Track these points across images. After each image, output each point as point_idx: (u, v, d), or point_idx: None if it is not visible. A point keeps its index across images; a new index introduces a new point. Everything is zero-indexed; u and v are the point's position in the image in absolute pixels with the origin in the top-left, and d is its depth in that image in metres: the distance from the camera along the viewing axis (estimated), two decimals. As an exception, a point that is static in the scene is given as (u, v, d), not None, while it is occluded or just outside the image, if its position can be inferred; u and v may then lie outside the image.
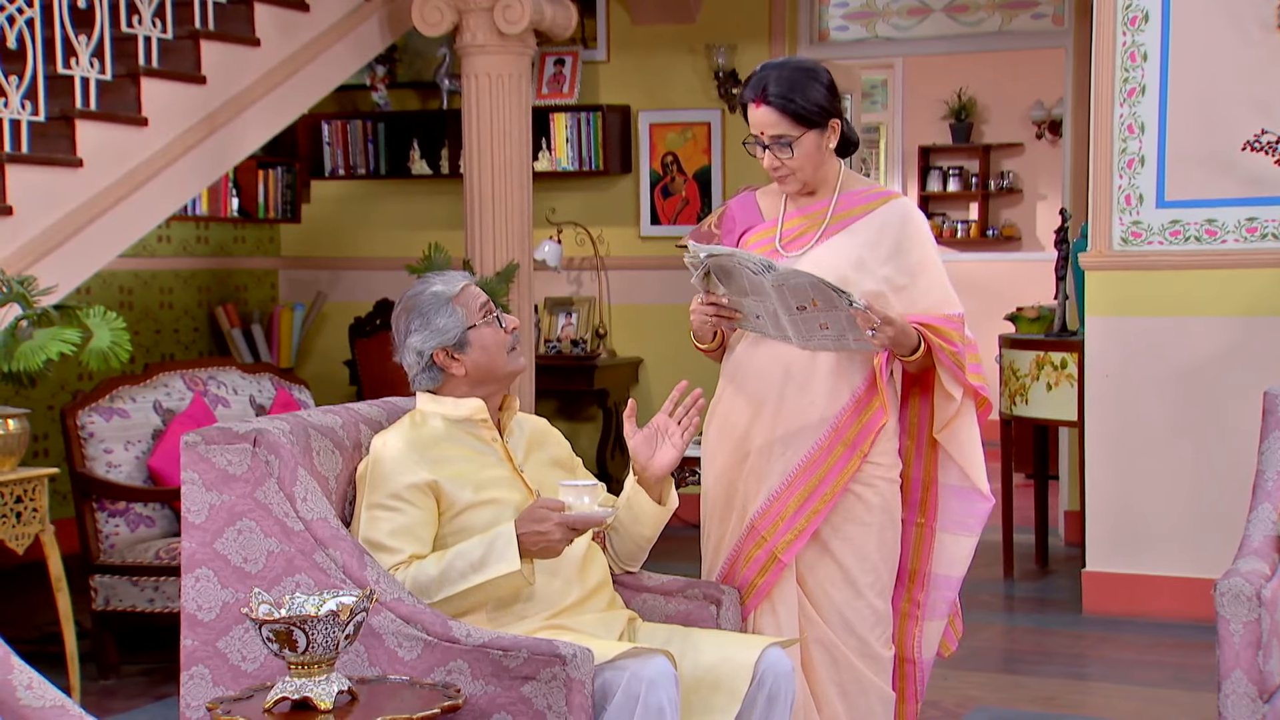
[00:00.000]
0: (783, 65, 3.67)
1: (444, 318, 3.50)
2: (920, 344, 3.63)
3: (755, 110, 3.64)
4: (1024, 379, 7.03)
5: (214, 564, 3.37)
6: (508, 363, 3.53)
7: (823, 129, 3.66)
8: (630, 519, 3.62)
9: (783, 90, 3.61)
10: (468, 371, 3.51)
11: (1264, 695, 3.87)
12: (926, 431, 3.80)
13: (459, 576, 3.32)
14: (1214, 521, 6.23)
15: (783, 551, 3.68)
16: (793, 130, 3.63)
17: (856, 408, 3.68)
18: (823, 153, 3.69)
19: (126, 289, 8.44)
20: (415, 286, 3.56)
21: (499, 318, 3.55)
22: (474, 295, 3.54)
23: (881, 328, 3.50)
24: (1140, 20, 6.41)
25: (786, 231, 3.76)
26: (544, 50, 8.75)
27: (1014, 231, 12.83)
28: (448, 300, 3.51)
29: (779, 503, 3.69)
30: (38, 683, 2.70)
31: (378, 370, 8.14)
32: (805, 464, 3.68)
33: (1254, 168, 6.26)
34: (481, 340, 3.51)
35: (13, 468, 5.23)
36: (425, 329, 3.51)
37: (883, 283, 3.67)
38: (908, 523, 3.83)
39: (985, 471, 3.79)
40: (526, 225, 7.42)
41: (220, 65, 6.65)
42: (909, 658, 3.84)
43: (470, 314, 3.51)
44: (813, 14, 8.63)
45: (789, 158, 3.65)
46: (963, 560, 3.82)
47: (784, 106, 3.61)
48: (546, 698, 3.14)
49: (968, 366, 3.67)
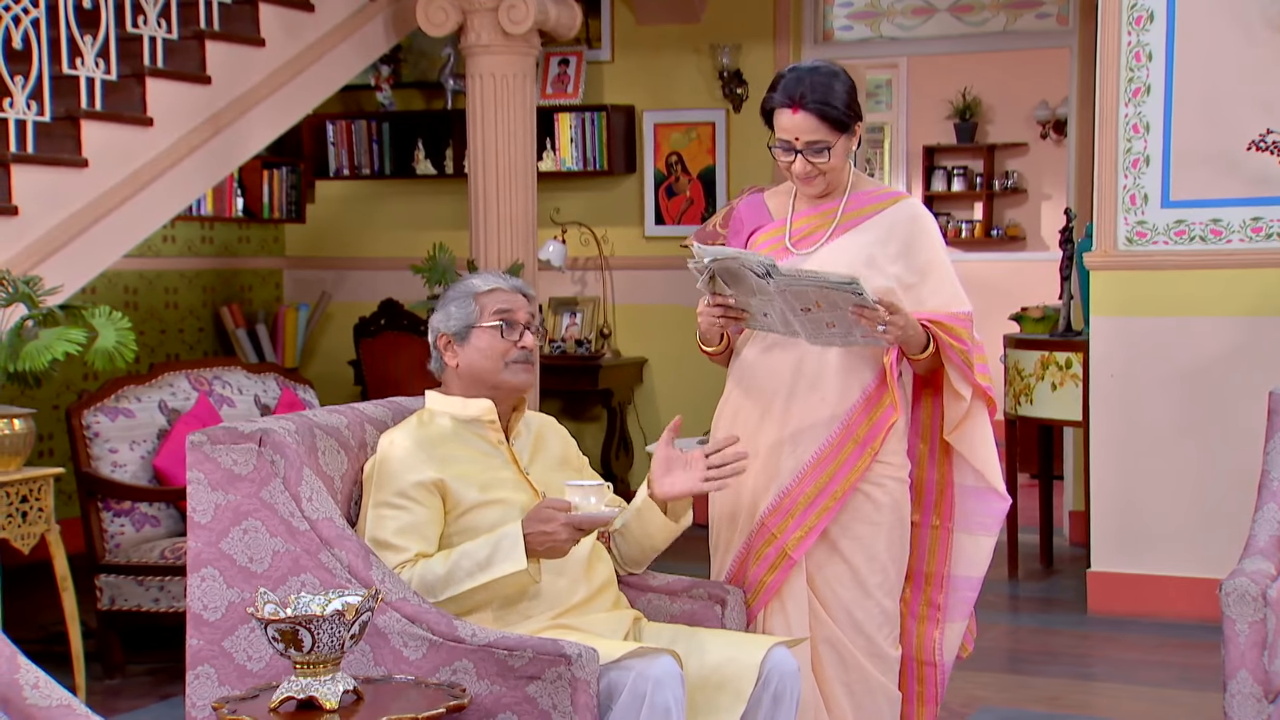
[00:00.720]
0: (814, 70, 3.64)
1: (459, 307, 3.55)
2: (929, 343, 3.64)
3: (791, 116, 3.61)
4: (1029, 379, 7.03)
5: (219, 563, 3.37)
6: (501, 372, 3.52)
7: (852, 133, 3.67)
8: (639, 526, 3.62)
9: (820, 96, 3.59)
10: (459, 366, 3.53)
11: (1269, 695, 3.87)
12: (939, 433, 3.80)
13: (465, 575, 3.32)
14: (1219, 521, 6.23)
15: (793, 548, 3.68)
16: (830, 136, 3.62)
17: (867, 405, 3.68)
18: (849, 155, 3.70)
19: (132, 289, 8.45)
20: (467, 275, 3.67)
21: (521, 330, 3.53)
22: (498, 299, 3.55)
23: (891, 320, 3.50)
24: (1145, 20, 6.41)
25: (796, 230, 3.76)
26: (548, 50, 8.75)
27: (1018, 231, 12.83)
28: (472, 294, 3.56)
29: (789, 499, 3.69)
30: (44, 682, 2.70)
31: (382, 370, 8.15)
32: (816, 461, 3.67)
33: (1259, 167, 6.26)
34: (480, 341, 3.51)
35: (18, 467, 5.23)
36: (442, 310, 3.58)
37: (892, 280, 3.67)
38: (921, 525, 3.82)
39: (1000, 471, 3.79)
40: (531, 225, 7.42)
41: (225, 65, 6.65)
42: (929, 660, 3.82)
43: (483, 314, 3.52)
44: (817, 14, 8.62)
45: (824, 162, 3.64)
46: (982, 561, 3.82)
47: (823, 112, 3.59)
48: (552, 697, 3.14)
49: (976, 366, 3.67)
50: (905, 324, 3.55)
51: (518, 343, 3.53)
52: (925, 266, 3.70)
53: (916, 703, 3.85)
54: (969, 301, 3.73)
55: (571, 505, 3.30)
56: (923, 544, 3.83)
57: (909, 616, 3.84)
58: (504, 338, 3.52)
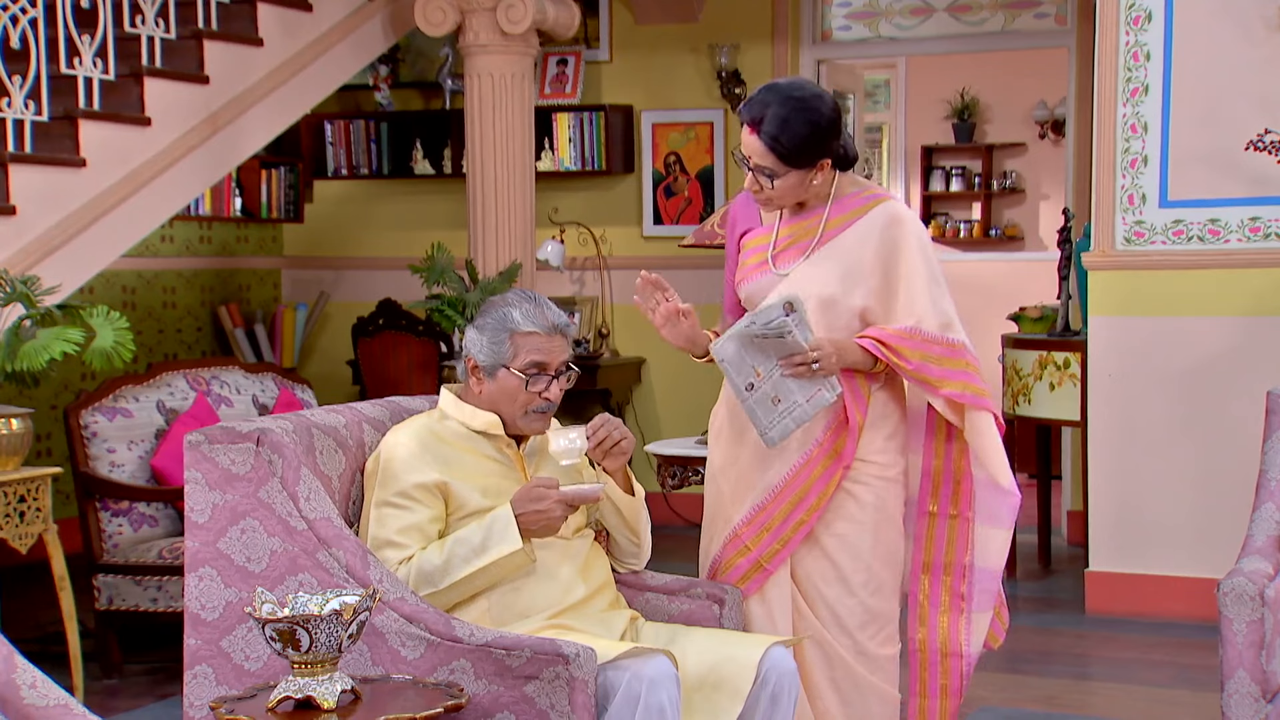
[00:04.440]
0: (787, 97, 3.59)
1: (494, 341, 3.50)
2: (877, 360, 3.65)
3: (747, 134, 3.62)
4: (1027, 379, 7.03)
5: (217, 563, 3.37)
6: (518, 418, 3.52)
7: (810, 168, 3.64)
8: (610, 510, 3.63)
9: (774, 130, 3.57)
10: (482, 394, 3.53)
11: (1267, 695, 3.87)
12: (950, 424, 3.78)
13: (462, 562, 3.34)
14: (1217, 521, 6.23)
15: (768, 561, 3.70)
16: (777, 167, 3.61)
17: (839, 429, 3.68)
18: (805, 187, 3.66)
19: (129, 289, 8.45)
20: (512, 293, 3.57)
21: (550, 382, 3.50)
22: (534, 345, 3.49)
23: (820, 358, 3.51)
24: (1143, 20, 6.41)
25: (780, 241, 3.75)
26: (547, 50, 8.74)
27: (1017, 231, 12.82)
28: (509, 330, 3.50)
29: (764, 513, 3.70)
30: (41, 682, 2.70)
31: (381, 370, 8.14)
32: (793, 474, 3.69)
33: (1257, 167, 6.26)
34: (507, 383, 3.50)
35: (16, 467, 5.23)
36: (478, 332, 3.52)
37: (869, 295, 3.66)
38: (939, 515, 3.81)
39: (1005, 466, 3.73)
40: (529, 225, 7.42)
41: (223, 65, 6.65)
42: (954, 652, 3.80)
43: (516, 357, 3.49)
44: (815, 14, 8.62)
45: (768, 186, 3.65)
46: (996, 553, 3.79)
47: (771, 145, 3.59)
48: (549, 697, 3.14)
49: (943, 374, 3.63)
50: (838, 355, 3.56)
51: (542, 393, 3.51)
52: (898, 278, 3.66)
53: (940, 696, 3.82)
54: (950, 312, 3.67)
55: (559, 483, 3.34)
56: (940, 534, 3.81)
57: (930, 607, 3.81)
58: (529, 389, 3.49)
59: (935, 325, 3.64)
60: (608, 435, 3.49)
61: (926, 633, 3.82)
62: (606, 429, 3.49)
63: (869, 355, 3.63)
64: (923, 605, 3.82)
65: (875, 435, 3.72)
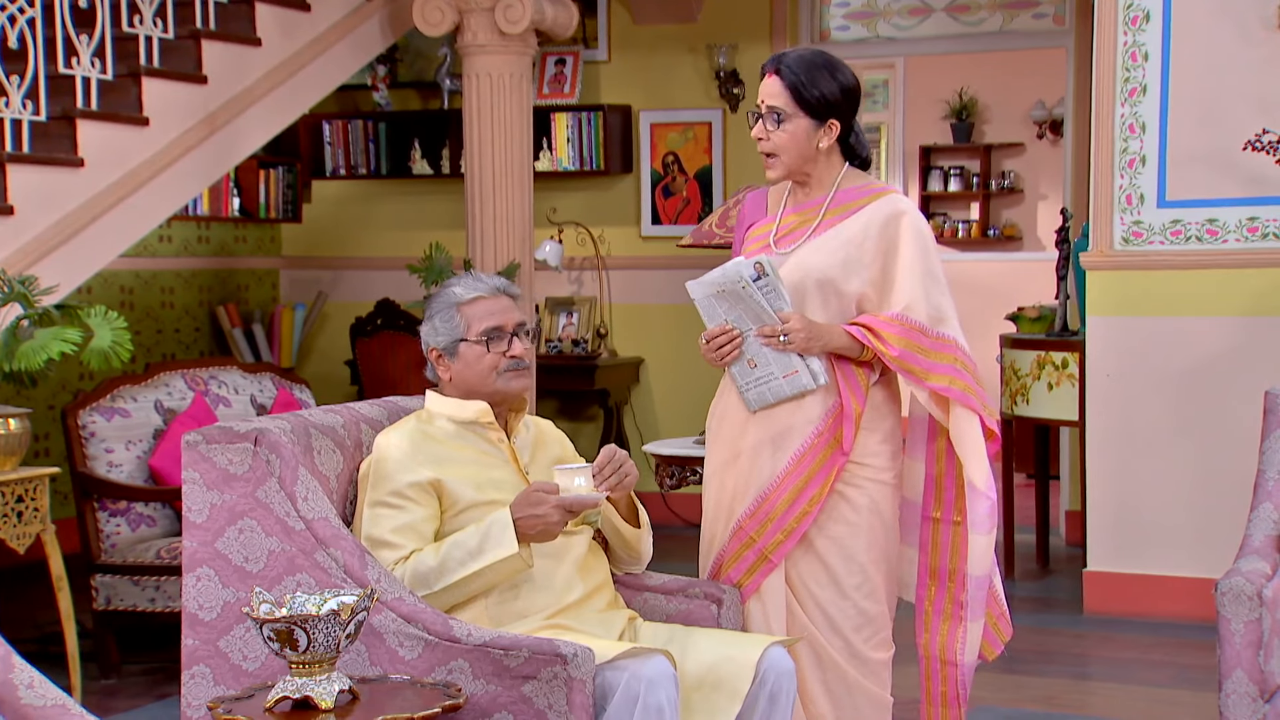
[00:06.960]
0: (811, 51, 3.73)
1: (444, 320, 3.52)
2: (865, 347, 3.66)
3: (767, 79, 3.69)
4: (1025, 379, 7.03)
5: (215, 563, 3.37)
6: (494, 382, 3.51)
7: (819, 122, 3.66)
8: (611, 530, 3.62)
9: (794, 68, 3.65)
10: (453, 379, 3.53)
11: (1265, 695, 3.87)
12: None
13: (457, 564, 3.33)
14: (1215, 521, 6.23)
15: (772, 552, 3.69)
16: (788, 107, 3.65)
17: (839, 417, 3.68)
18: (812, 145, 3.68)
19: (127, 289, 8.44)
20: (450, 280, 3.60)
21: (509, 339, 3.50)
22: (483, 310, 3.52)
23: (789, 330, 3.55)
24: (1141, 20, 6.41)
25: (783, 226, 3.78)
26: (545, 50, 8.74)
27: (1015, 231, 12.83)
28: (455, 305, 3.52)
29: (767, 504, 3.69)
30: (39, 682, 2.70)
31: (379, 370, 8.14)
32: (794, 463, 3.68)
33: (1255, 167, 6.26)
34: (469, 355, 3.51)
35: (14, 467, 5.23)
36: (430, 324, 3.56)
37: (866, 282, 3.67)
38: (943, 521, 3.80)
39: (983, 466, 3.71)
40: (527, 225, 7.41)
41: (221, 65, 6.65)
42: (950, 660, 3.79)
43: (469, 327, 3.50)
44: (814, 14, 8.62)
45: (774, 130, 3.66)
46: (978, 559, 3.74)
47: (793, 82, 3.64)
48: (547, 697, 3.14)
49: (930, 366, 3.63)
50: (810, 335, 3.58)
51: (506, 353, 3.51)
52: (895, 268, 3.67)
53: (941, 704, 3.81)
54: (946, 308, 3.67)
55: (559, 488, 3.32)
56: (944, 541, 3.80)
57: (934, 615, 3.81)
58: (491, 350, 3.50)
59: (925, 316, 3.64)
60: (614, 472, 3.46)
61: (929, 639, 3.81)
62: (612, 467, 3.46)
63: (856, 343, 3.64)
64: (927, 612, 3.82)
65: (870, 438, 3.72)
